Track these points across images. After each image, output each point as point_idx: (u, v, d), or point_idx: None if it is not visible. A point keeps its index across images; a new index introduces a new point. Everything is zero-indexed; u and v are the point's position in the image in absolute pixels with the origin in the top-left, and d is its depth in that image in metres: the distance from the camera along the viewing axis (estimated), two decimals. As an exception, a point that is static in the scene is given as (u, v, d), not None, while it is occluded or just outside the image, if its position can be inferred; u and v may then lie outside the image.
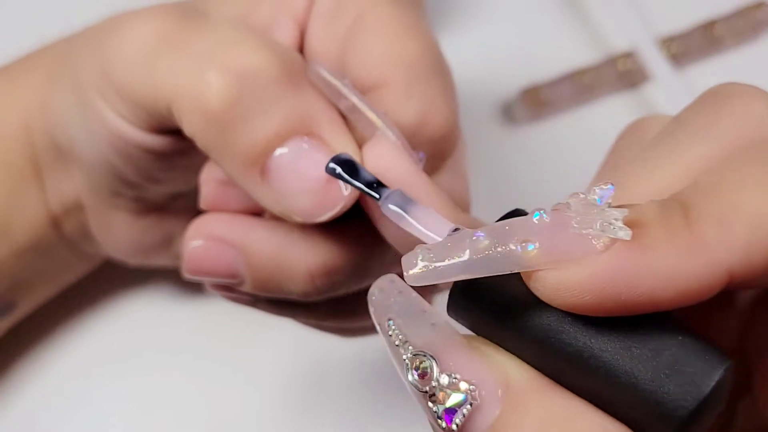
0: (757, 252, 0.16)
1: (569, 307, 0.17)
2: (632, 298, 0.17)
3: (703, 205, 0.17)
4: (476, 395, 0.18)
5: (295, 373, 0.37)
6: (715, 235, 0.16)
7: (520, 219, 0.18)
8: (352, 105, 0.25)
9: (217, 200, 0.26)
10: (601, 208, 0.17)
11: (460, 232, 0.18)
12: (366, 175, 0.23)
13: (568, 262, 0.17)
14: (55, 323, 0.37)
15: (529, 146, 0.42)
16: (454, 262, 0.18)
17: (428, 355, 0.18)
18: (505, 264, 0.17)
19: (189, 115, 0.24)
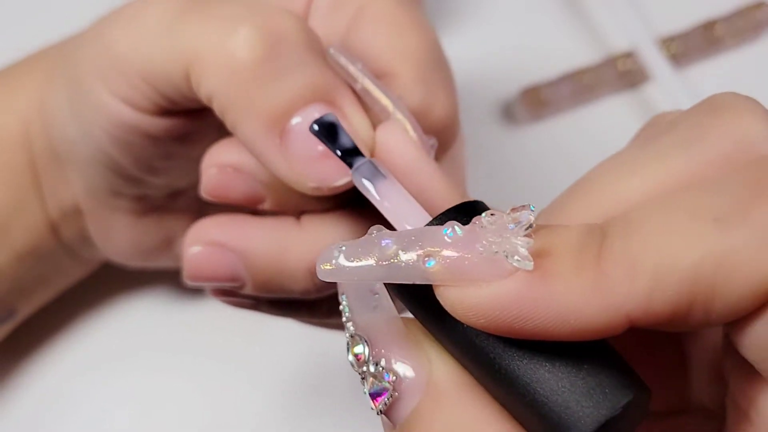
0: (657, 302, 0.16)
1: (469, 324, 0.17)
2: (525, 328, 0.17)
3: (619, 242, 0.17)
4: (398, 386, 0.18)
5: (296, 373, 0.37)
6: (620, 279, 0.16)
7: (433, 230, 0.18)
8: (366, 88, 0.25)
9: (219, 187, 0.26)
10: (511, 232, 0.17)
11: (375, 235, 0.18)
12: (345, 141, 0.23)
13: (468, 282, 0.17)
14: (56, 324, 0.37)
15: (529, 146, 0.42)
16: (361, 265, 0.18)
17: (363, 338, 0.19)
18: (409, 275, 0.17)
19: (214, 72, 0.24)
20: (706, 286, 0.16)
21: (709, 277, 0.16)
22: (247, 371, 0.37)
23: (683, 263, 0.16)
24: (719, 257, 0.16)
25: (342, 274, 0.18)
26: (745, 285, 0.16)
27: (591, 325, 0.16)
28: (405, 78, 0.26)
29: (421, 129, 0.25)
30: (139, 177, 0.29)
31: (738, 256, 0.16)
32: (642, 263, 0.16)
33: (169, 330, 0.38)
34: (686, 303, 0.16)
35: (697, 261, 0.16)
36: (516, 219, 0.17)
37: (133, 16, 0.26)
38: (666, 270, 0.16)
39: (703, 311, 0.16)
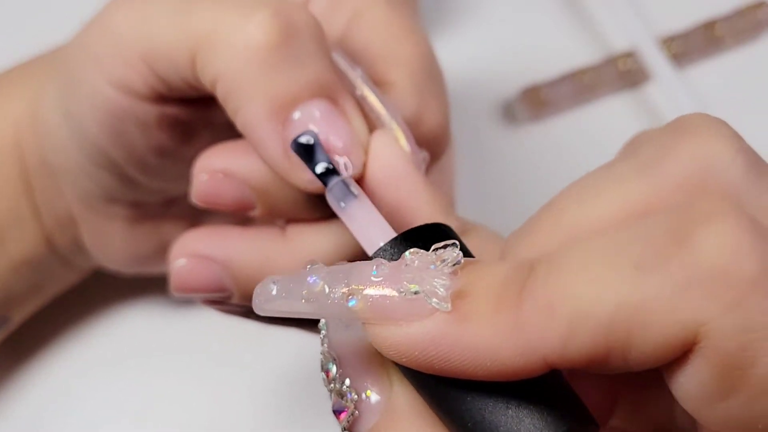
0: (573, 347, 0.16)
1: (394, 360, 0.18)
2: (446, 368, 0.17)
3: (539, 284, 0.17)
4: (359, 406, 0.19)
5: (293, 376, 0.37)
6: (536, 322, 0.16)
7: (361, 267, 0.18)
8: (364, 95, 0.25)
9: (209, 193, 0.26)
10: (432, 272, 0.17)
11: (306, 270, 0.18)
12: (321, 159, 0.23)
13: (391, 322, 0.17)
14: (54, 329, 0.37)
15: (529, 146, 0.42)
16: (292, 301, 0.18)
17: (333, 356, 0.20)
18: (335, 312, 0.18)
19: (225, 53, 0.24)
20: (621, 334, 0.16)
21: (624, 325, 0.16)
22: (245, 374, 0.37)
23: (599, 310, 0.16)
24: (634, 305, 0.16)
25: (274, 307, 0.19)
26: (660, 334, 0.16)
27: (508, 367, 0.16)
28: (398, 87, 0.26)
29: (414, 140, 0.25)
30: (133, 177, 0.29)
31: (652, 305, 0.16)
32: (559, 307, 0.16)
33: (167, 334, 0.38)
34: (602, 349, 0.16)
35: (612, 309, 0.16)
36: (439, 257, 0.18)
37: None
38: (582, 316, 0.16)
39: (621, 358, 0.16)
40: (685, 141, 0.18)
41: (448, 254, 0.17)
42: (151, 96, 0.26)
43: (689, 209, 0.16)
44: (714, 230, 0.16)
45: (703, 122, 0.19)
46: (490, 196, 0.40)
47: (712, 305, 0.15)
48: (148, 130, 0.27)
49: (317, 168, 0.23)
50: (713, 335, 0.15)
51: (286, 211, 0.26)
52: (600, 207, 0.19)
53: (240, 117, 0.24)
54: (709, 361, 0.16)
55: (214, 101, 0.26)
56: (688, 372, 0.16)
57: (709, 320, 0.15)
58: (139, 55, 0.26)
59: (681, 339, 0.16)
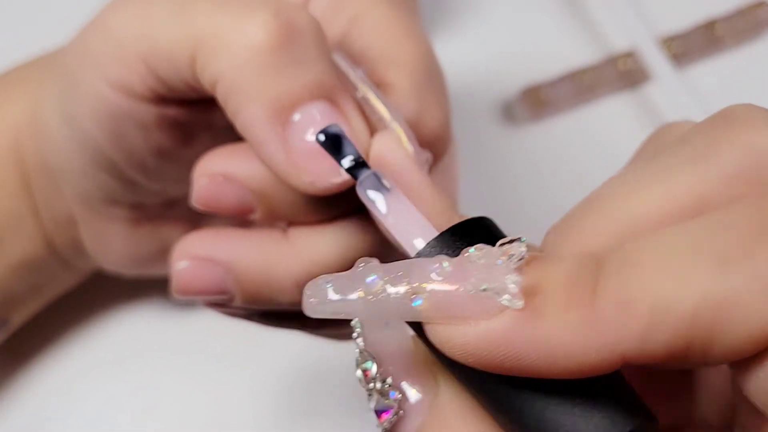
0: (653, 343, 0.16)
1: (459, 361, 0.17)
2: (516, 366, 0.16)
3: (614, 279, 0.16)
4: (404, 405, 0.19)
5: (294, 376, 0.37)
6: (614, 318, 0.16)
7: (421, 265, 0.17)
8: (365, 97, 0.25)
9: (209, 196, 0.26)
10: (500, 268, 0.17)
11: (361, 269, 0.18)
12: (350, 152, 0.23)
13: (456, 320, 0.17)
14: (56, 329, 0.37)
15: (529, 146, 0.42)
16: (348, 301, 0.18)
17: (371, 355, 0.19)
18: (397, 312, 0.17)
19: (225, 54, 0.24)
20: (703, 329, 0.15)
21: (708, 320, 0.15)
22: (245, 375, 0.37)
23: (681, 305, 0.15)
24: (719, 300, 0.15)
25: (329, 309, 0.18)
26: (745, 330, 0.15)
27: (583, 365, 0.16)
28: (399, 88, 0.26)
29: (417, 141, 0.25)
30: (133, 178, 0.29)
31: (738, 300, 0.15)
32: (638, 303, 0.16)
33: (167, 336, 0.38)
34: (683, 345, 0.16)
35: (695, 303, 0.15)
36: (506, 253, 0.17)
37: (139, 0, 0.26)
38: (663, 311, 0.16)
39: (701, 353, 0.16)
40: (736, 131, 0.18)
41: (515, 249, 0.17)
42: (151, 97, 0.26)
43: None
44: None
45: (752, 113, 0.18)
46: (490, 196, 0.40)
47: None
48: (147, 132, 0.27)
49: (345, 161, 0.22)
50: None
51: (287, 215, 0.26)
52: (651, 200, 0.18)
53: (240, 118, 0.24)
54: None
55: (213, 103, 0.26)
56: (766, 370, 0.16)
57: None
58: (139, 56, 0.26)
59: (765, 335, 0.15)
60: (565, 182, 0.41)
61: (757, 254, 0.15)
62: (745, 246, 0.16)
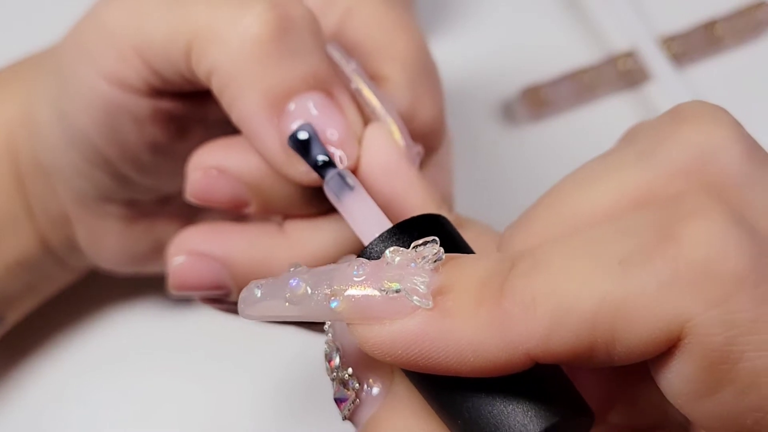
0: (556, 342, 0.16)
1: (378, 359, 0.18)
2: (430, 364, 0.17)
3: (522, 280, 0.17)
4: (360, 394, 0.20)
5: (293, 375, 0.37)
6: (518, 316, 0.16)
7: (342, 268, 0.18)
8: (359, 89, 0.25)
9: (203, 190, 0.26)
10: (413, 270, 0.17)
11: (288, 273, 0.19)
12: (318, 152, 0.23)
13: (373, 321, 0.17)
14: (52, 328, 0.37)
15: (529, 146, 0.42)
16: (276, 305, 0.18)
17: (337, 346, 0.20)
18: (319, 314, 0.18)
19: (221, 45, 0.24)
20: (605, 329, 0.16)
21: (608, 320, 0.16)
22: (244, 373, 0.37)
23: (581, 306, 0.16)
24: (618, 301, 0.16)
25: (260, 312, 0.19)
26: (644, 330, 0.16)
27: (491, 362, 0.17)
28: (392, 81, 0.26)
29: (409, 134, 0.25)
30: (127, 175, 0.29)
31: (636, 301, 0.16)
32: (541, 302, 0.16)
33: (163, 333, 0.38)
34: (586, 344, 0.16)
35: (595, 304, 0.16)
36: (420, 255, 0.18)
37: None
38: (564, 311, 0.16)
39: (605, 353, 0.16)
40: (683, 128, 0.18)
41: (428, 251, 0.18)
42: (145, 90, 0.26)
43: (676, 204, 0.16)
44: (699, 226, 0.16)
45: (701, 109, 0.19)
46: (490, 196, 0.40)
47: (698, 301, 0.15)
48: (141, 126, 0.27)
49: (315, 161, 0.23)
50: (699, 331, 0.15)
51: (281, 208, 0.26)
52: (597, 196, 0.19)
53: (235, 109, 0.24)
54: (696, 357, 0.16)
55: (208, 96, 0.26)
56: (674, 368, 0.16)
57: (694, 316, 0.15)
58: (133, 48, 0.26)
59: (666, 334, 0.16)
60: (564, 182, 0.41)
61: (654, 256, 0.16)
62: (645, 248, 0.16)
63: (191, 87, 0.26)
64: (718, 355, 0.15)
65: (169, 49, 0.25)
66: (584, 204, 0.19)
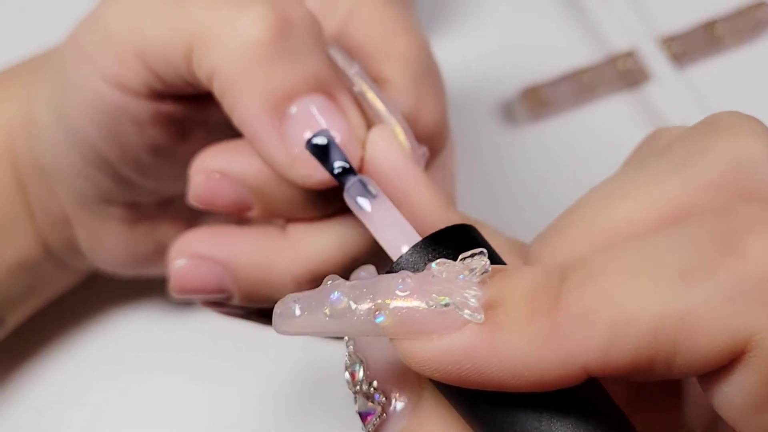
0: (615, 355, 0.16)
1: (424, 374, 0.17)
2: (481, 380, 0.16)
3: (576, 292, 0.16)
4: (387, 409, 0.19)
5: (296, 375, 0.37)
6: (575, 330, 0.16)
7: (385, 281, 0.17)
8: (362, 91, 0.25)
9: (206, 194, 0.26)
10: (462, 282, 0.17)
11: (328, 286, 0.18)
12: (337, 158, 0.23)
13: (420, 335, 0.17)
14: (53, 330, 0.37)
15: (529, 146, 0.42)
16: (315, 318, 0.18)
17: (360, 359, 0.19)
18: (362, 329, 0.17)
19: (221, 48, 0.24)
20: (665, 343, 0.16)
21: (669, 333, 0.15)
22: (245, 375, 0.37)
23: (642, 318, 0.16)
24: (680, 314, 0.15)
25: (297, 327, 0.18)
26: (706, 344, 0.15)
27: (546, 377, 0.16)
28: (395, 83, 0.26)
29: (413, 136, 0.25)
30: (128, 177, 0.29)
31: (700, 314, 0.15)
32: (599, 315, 0.16)
33: (164, 336, 0.37)
34: (646, 357, 0.16)
35: (657, 316, 0.15)
36: (467, 267, 0.17)
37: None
38: (624, 324, 0.16)
39: (664, 366, 0.16)
40: (718, 140, 0.18)
41: (476, 263, 0.17)
42: (146, 92, 0.26)
43: (732, 215, 0.16)
44: (762, 238, 0.16)
45: (736, 120, 0.18)
46: (490, 196, 0.40)
47: (764, 314, 0.15)
48: (142, 128, 0.27)
49: (334, 168, 0.22)
50: (765, 344, 0.15)
51: (284, 211, 0.26)
52: (631, 209, 0.18)
53: (237, 112, 0.24)
54: (759, 371, 0.15)
55: (208, 99, 0.26)
56: (734, 381, 0.16)
57: (761, 329, 0.15)
58: (134, 50, 0.25)
59: (730, 347, 0.15)
60: (565, 182, 0.41)
61: (717, 269, 0.16)
62: (706, 260, 0.16)
63: (192, 89, 0.26)
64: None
65: (169, 52, 0.25)
66: (619, 216, 0.18)
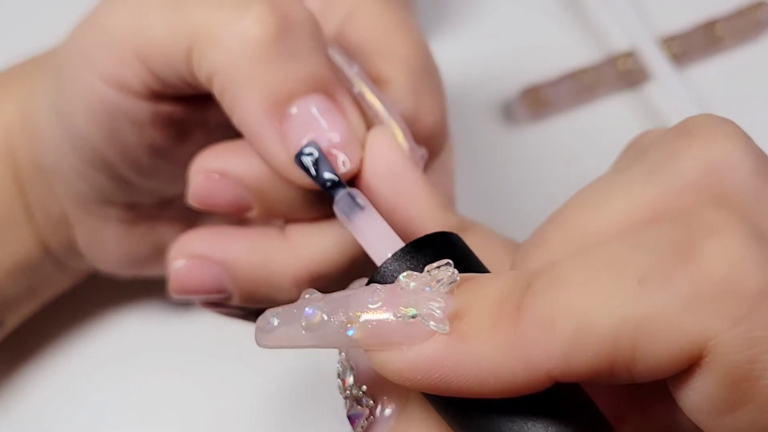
0: (576, 362, 0.16)
1: (398, 383, 0.17)
2: (451, 388, 0.17)
3: (539, 299, 0.16)
4: (374, 411, 0.20)
5: (295, 376, 0.37)
6: (538, 335, 0.16)
7: (357, 295, 0.18)
8: (361, 92, 0.25)
9: (205, 194, 0.26)
10: (428, 294, 0.17)
11: (305, 300, 0.18)
12: (326, 173, 0.23)
13: (391, 347, 0.17)
14: (53, 331, 0.37)
15: (529, 146, 0.42)
16: (292, 333, 0.18)
17: (350, 365, 0.20)
18: (336, 342, 0.18)
19: (221, 48, 0.24)
20: (625, 349, 0.16)
21: (629, 339, 0.16)
22: (244, 376, 0.37)
23: (602, 325, 0.16)
24: (638, 319, 0.16)
25: (276, 341, 0.19)
26: (666, 348, 0.16)
27: (512, 384, 0.16)
28: (394, 84, 0.26)
29: (412, 137, 0.25)
30: (127, 177, 0.29)
31: (657, 320, 0.15)
32: (560, 322, 0.16)
33: (164, 336, 0.37)
34: (607, 363, 0.16)
35: (616, 322, 0.16)
36: (434, 278, 0.17)
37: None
38: (584, 331, 0.16)
39: (625, 371, 0.16)
40: (692, 143, 0.18)
41: (442, 274, 0.17)
42: (145, 93, 0.26)
43: (693, 220, 0.16)
44: (719, 243, 0.16)
45: (710, 123, 0.19)
46: (490, 196, 0.40)
47: (719, 319, 0.15)
48: (141, 129, 0.27)
49: (322, 181, 0.23)
50: (720, 349, 0.15)
51: (284, 212, 0.26)
52: (608, 214, 0.18)
53: (237, 112, 0.24)
54: (717, 375, 0.16)
55: (208, 100, 0.26)
56: (695, 385, 0.16)
57: (716, 334, 0.15)
58: (133, 51, 0.25)
59: (687, 353, 0.16)
60: (564, 182, 0.40)
61: (674, 274, 0.16)
62: (664, 266, 0.16)
63: (191, 90, 0.26)
64: (739, 372, 0.15)
65: (169, 52, 0.25)
66: (595, 222, 0.19)
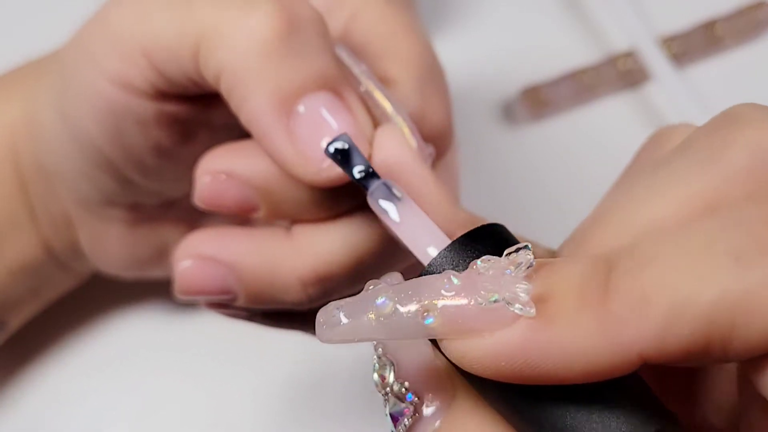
0: (672, 340, 0.16)
1: (477, 374, 0.17)
2: (534, 374, 0.16)
3: (627, 278, 0.16)
4: (419, 409, 0.18)
5: (297, 376, 0.37)
6: (629, 317, 0.16)
7: (430, 282, 0.17)
8: (369, 91, 0.25)
9: (212, 195, 0.26)
10: (509, 278, 0.17)
11: (371, 291, 0.18)
12: (359, 162, 0.22)
13: (471, 334, 0.16)
14: (55, 332, 0.37)
15: (529, 146, 0.42)
16: (361, 324, 0.17)
17: (390, 360, 0.19)
18: (410, 332, 0.17)
19: (229, 46, 0.24)
20: (722, 326, 0.15)
21: (727, 316, 0.15)
22: (245, 377, 0.37)
23: (699, 302, 0.15)
24: (737, 296, 0.15)
25: (343, 334, 0.17)
26: (764, 326, 0.15)
27: (601, 367, 0.16)
28: (400, 84, 0.26)
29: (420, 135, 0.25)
30: (131, 178, 0.29)
31: (757, 296, 0.15)
32: (654, 300, 0.15)
33: (166, 337, 0.37)
34: (702, 341, 0.15)
35: (715, 298, 0.15)
36: (513, 261, 0.17)
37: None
38: (680, 308, 0.15)
39: (720, 350, 0.16)
40: (743, 131, 0.18)
41: (521, 257, 0.17)
42: (151, 92, 0.26)
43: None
44: None
45: (755, 111, 0.18)
46: (490, 196, 0.40)
47: None
48: (146, 129, 0.27)
49: (355, 172, 0.22)
50: None
51: (290, 212, 0.26)
52: (666, 206, 0.18)
53: (244, 110, 0.24)
54: None
55: (213, 100, 0.26)
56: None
57: None
58: (140, 50, 0.25)
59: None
60: (564, 182, 0.41)
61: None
62: (760, 242, 0.15)
63: (197, 89, 0.26)
64: None
65: (176, 50, 0.25)
66: (655, 213, 0.18)
